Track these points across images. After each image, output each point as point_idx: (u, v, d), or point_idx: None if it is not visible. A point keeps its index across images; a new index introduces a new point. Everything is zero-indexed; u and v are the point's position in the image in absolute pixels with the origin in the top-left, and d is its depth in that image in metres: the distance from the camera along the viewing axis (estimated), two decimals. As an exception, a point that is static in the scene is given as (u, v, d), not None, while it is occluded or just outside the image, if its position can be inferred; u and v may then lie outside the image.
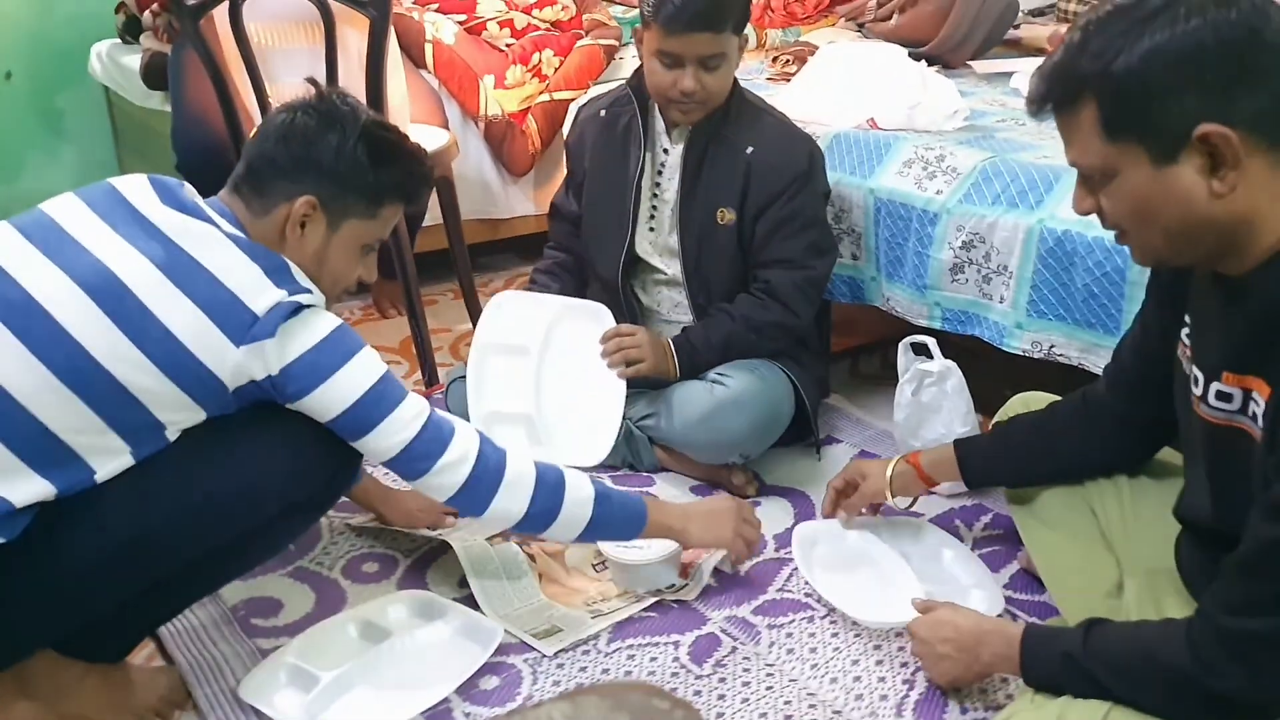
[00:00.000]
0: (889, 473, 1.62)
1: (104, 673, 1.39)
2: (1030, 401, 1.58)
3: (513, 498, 1.39)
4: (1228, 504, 1.10)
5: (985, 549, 1.75)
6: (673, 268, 1.99)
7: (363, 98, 2.11)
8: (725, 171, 1.88)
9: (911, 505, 1.70)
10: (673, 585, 1.65)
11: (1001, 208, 1.80)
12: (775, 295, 1.90)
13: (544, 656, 1.52)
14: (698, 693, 1.45)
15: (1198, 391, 1.11)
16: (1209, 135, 0.95)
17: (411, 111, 2.48)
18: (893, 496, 1.64)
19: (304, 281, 1.31)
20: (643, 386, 2.05)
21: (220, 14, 2.07)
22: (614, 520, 1.50)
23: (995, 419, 1.61)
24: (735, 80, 1.91)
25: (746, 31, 1.89)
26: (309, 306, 1.28)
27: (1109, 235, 1.62)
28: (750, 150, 1.87)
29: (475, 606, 1.59)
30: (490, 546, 1.66)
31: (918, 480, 1.62)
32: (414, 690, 1.45)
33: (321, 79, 2.08)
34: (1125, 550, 1.38)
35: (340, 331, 1.30)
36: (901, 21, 2.67)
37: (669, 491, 1.95)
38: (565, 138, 2.15)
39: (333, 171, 1.34)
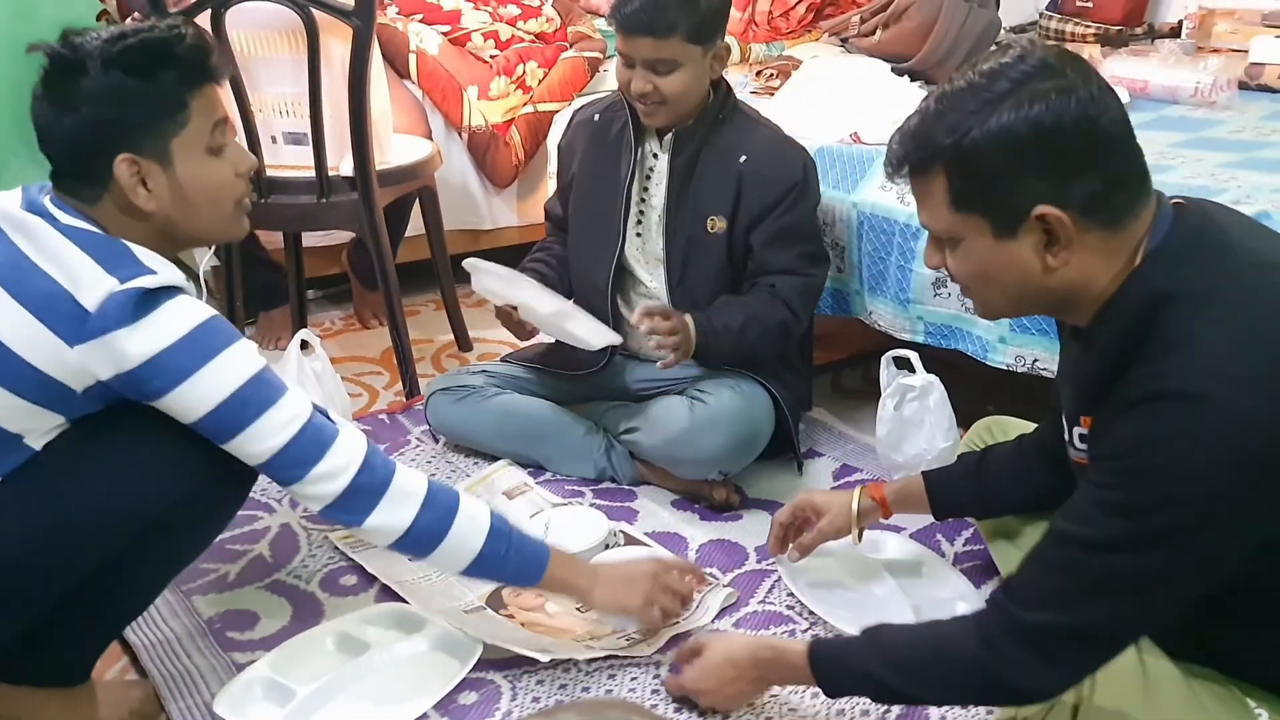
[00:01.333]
0: (855, 508, 1.59)
1: (67, 695, 1.36)
2: (993, 427, 1.60)
3: (395, 512, 1.30)
4: None
5: (966, 564, 1.75)
6: (657, 277, 1.98)
7: (345, 107, 2.11)
8: (717, 180, 1.88)
9: (860, 536, 1.64)
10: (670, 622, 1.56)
11: (983, 223, 1.81)
12: (781, 298, 1.90)
13: (523, 672, 1.50)
14: (679, 709, 1.44)
15: (1068, 438, 1.18)
16: (1045, 216, 1.01)
17: (395, 122, 2.48)
18: (859, 534, 1.61)
19: (149, 263, 1.20)
20: (622, 400, 2.05)
21: (203, 22, 2.06)
22: (507, 561, 1.39)
23: (963, 443, 1.62)
24: (729, 88, 1.92)
25: (728, 43, 1.89)
26: (164, 291, 1.18)
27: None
28: (744, 160, 1.87)
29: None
30: (466, 614, 1.60)
31: (880, 514, 1.60)
32: (392, 705, 1.43)
33: (304, 88, 2.09)
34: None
35: (207, 326, 1.20)
36: (885, 37, 2.69)
37: (649, 505, 1.94)
38: (558, 141, 2.13)
39: (116, 116, 1.20)
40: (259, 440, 1.23)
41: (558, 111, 2.87)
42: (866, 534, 1.77)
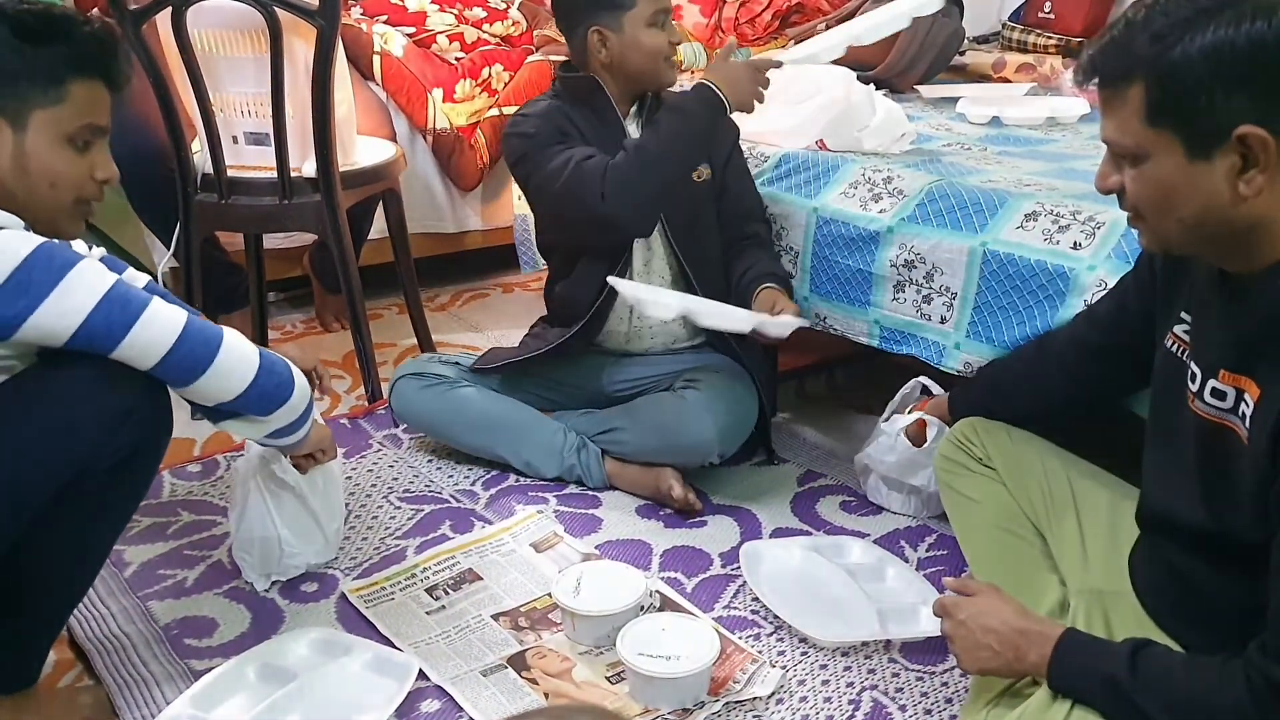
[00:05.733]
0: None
1: (11, 706, 1.33)
2: (977, 425, 1.59)
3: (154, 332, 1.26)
4: (1218, 503, 1.10)
5: (930, 569, 1.76)
6: (655, 242, 1.97)
7: (309, 108, 2.09)
8: None
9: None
10: (701, 703, 1.45)
11: (946, 229, 1.82)
12: (766, 247, 2.02)
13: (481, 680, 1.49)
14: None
15: (1194, 388, 1.12)
16: (1248, 137, 0.96)
17: (359, 123, 2.46)
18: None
19: None
20: (595, 405, 2.04)
21: (164, 20, 2.03)
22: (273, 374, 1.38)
23: (947, 440, 1.62)
24: None
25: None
26: None
27: (1049, 259, 1.67)
28: None
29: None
30: (484, 678, 1.49)
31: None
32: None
33: (267, 88, 2.07)
34: (1073, 570, 1.39)
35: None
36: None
37: (614, 513, 1.93)
38: (522, 131, 1.95)
39: None
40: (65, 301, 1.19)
41: (524, 115, 2.86)
42: (830, 538, 1.80)
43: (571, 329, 1.97)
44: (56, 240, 1.22)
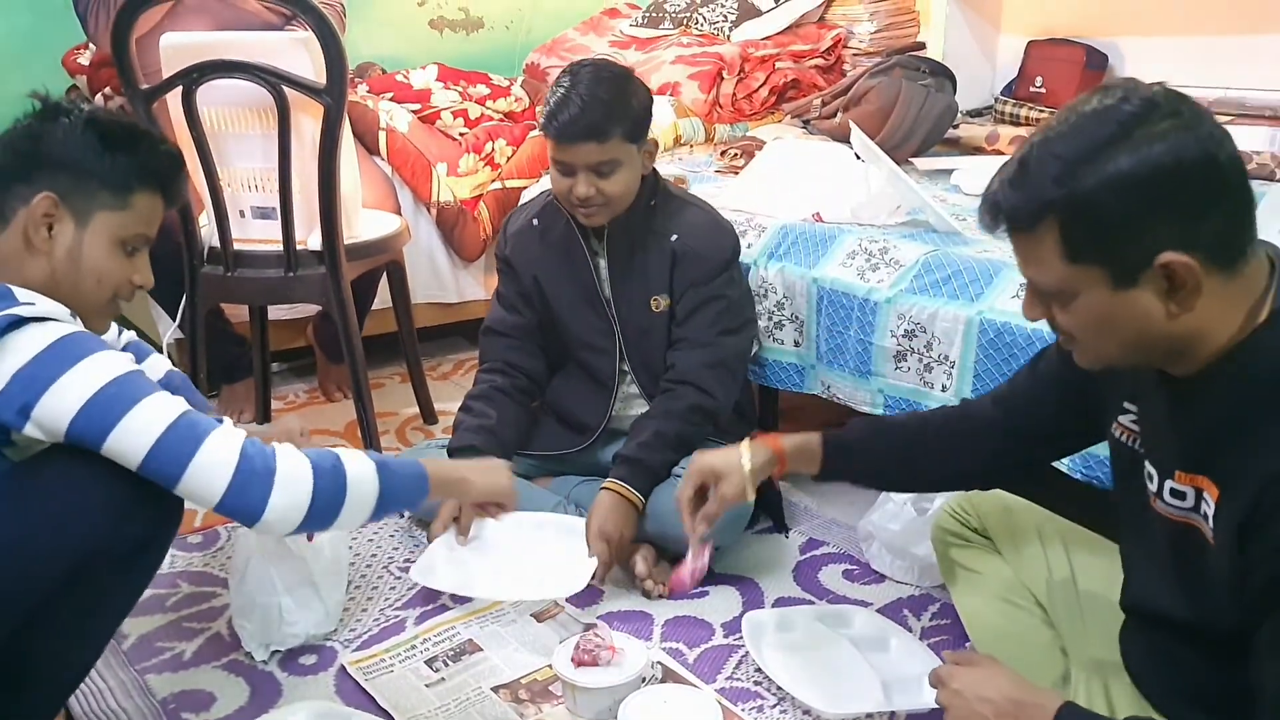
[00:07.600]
0: (747, 466, 1.48)
1: None
2: (973, 495, 1.59)
3: (291, 492, 1.24)
4: (1196, 597, 1.10)
5: (933, 638, 1.74)
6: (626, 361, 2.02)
7: (315, 183, 2.13)
8: (655, 261, 1.95)
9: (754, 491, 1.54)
10: None
11: (942, 299, 1.85)
12: (683, 379, 1.93)
13: (487, 751, 1.47)
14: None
15: (1153, 488, 1.13)
16: (1170, 264, 0.96)
17: (364, 197, 2.50)
18: (753, 491, 1.52)
19: (25, 298, 1.22)
20: (595, 475, 2.04)
21: (174, 98, 2.08)
22: (401, 483, 1.35)
23: (942, 511, 1.62)
24: (657, 175, 1.98)
25: (655, 138, 1.95)
26: (33, 320, 1.19)
27: (1045, 327, 1.69)
28: (675, 238, 1.94)
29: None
30: None
31: (777, 468, 1.52)
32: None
33: (274, 163, 2.11)
34: (1074, 641, 1.39)
35: (68, 339, 1.20)
36: (845, 119, 2.76)
37: (616, 581, 1.92)
38: (500, 252, 2.13)
39: (65, 161, 1.26)
40: (131, 437, 1.19)
41: (526, 188, 2.92)
42: (833, 607, 1.78)
43: (582, 442, 2.04)
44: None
